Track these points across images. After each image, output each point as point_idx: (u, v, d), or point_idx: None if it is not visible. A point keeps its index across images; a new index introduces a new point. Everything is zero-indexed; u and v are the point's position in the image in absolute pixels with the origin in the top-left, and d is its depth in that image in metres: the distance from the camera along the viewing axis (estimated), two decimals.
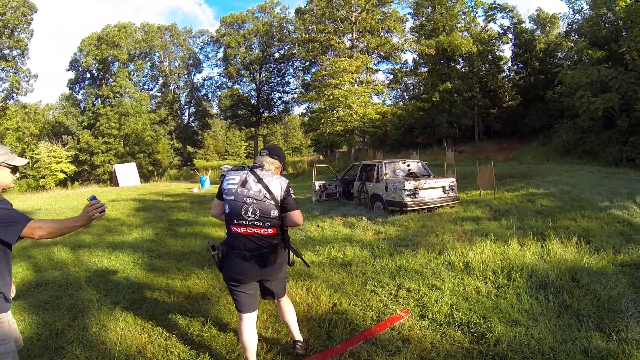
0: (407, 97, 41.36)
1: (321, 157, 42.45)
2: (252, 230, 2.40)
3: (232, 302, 3.67)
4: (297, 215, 2.48)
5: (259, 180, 2.44)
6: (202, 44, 45.84)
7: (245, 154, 62.60)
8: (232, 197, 2.43)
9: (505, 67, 35.43)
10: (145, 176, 32.38)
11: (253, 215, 2.39)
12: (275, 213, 2.44)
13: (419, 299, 3.63)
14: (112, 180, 26.21)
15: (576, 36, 26.59)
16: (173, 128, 44.12)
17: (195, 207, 11.75)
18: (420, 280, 4.08)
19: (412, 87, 40.91)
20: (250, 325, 2.52)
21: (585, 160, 17.29)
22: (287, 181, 2.52)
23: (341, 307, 3.53)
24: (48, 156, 32.52)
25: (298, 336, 2.76)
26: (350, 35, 31.68)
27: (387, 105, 34.33)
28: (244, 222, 2.40)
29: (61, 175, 32.89)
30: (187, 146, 45.44)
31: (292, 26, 38.85)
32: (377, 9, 31.64)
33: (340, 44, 30.99)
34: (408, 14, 34.70)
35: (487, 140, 32.14)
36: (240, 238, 2.41)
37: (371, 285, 4.04)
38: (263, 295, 2.67)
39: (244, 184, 2.44)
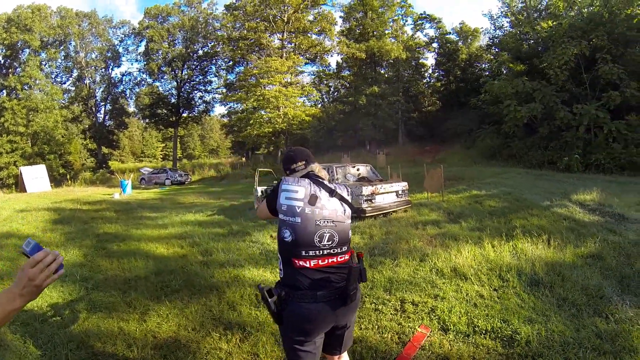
0: (326, 100, 41.77)
1: (243, 159, 41.12)
2: (327, 260, 1.77)
3: (218, 347, 3.00)
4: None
5: (332, 192, 1.84)
6: (123, 35, 41.82)
7: (161, 156, 59.17)
8: (298, 220, 1.75)
9: (426, 74, 37.85)
10: (56, 180, 28.03)
11: (330, 242, 1.77)
12: (351, 233, 1.92)
13: (430, 312, 3.40)
14: (19, 184, 22.31)
15: (496, 49, 29.06)
16: (87, 126, 39.38)
17: (122, 216, 10.11)
18: (419, 291, 3.86)
19: (333, 90, 41.45)
20: None
21: (510, 163, 19.15)
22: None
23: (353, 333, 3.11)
24: None
25: None
26: (280, 35, 31.26)
27: (309, 107, 34.41)
28: (317, 253, 1.76)
29: None
30: (102, 147, 41.09)
31: (218, 23, 37.23)
32: (309, 11, 31.71)
33: (270, 43, 30.43)
34: (339, 17, 35.36)
35: (409, 143, 33.04)
36: (309, 273, 1.75)
37: (370, 303, 3.70)
38: (328, 350, 1.96)
39: (313, 200, 1.78)
